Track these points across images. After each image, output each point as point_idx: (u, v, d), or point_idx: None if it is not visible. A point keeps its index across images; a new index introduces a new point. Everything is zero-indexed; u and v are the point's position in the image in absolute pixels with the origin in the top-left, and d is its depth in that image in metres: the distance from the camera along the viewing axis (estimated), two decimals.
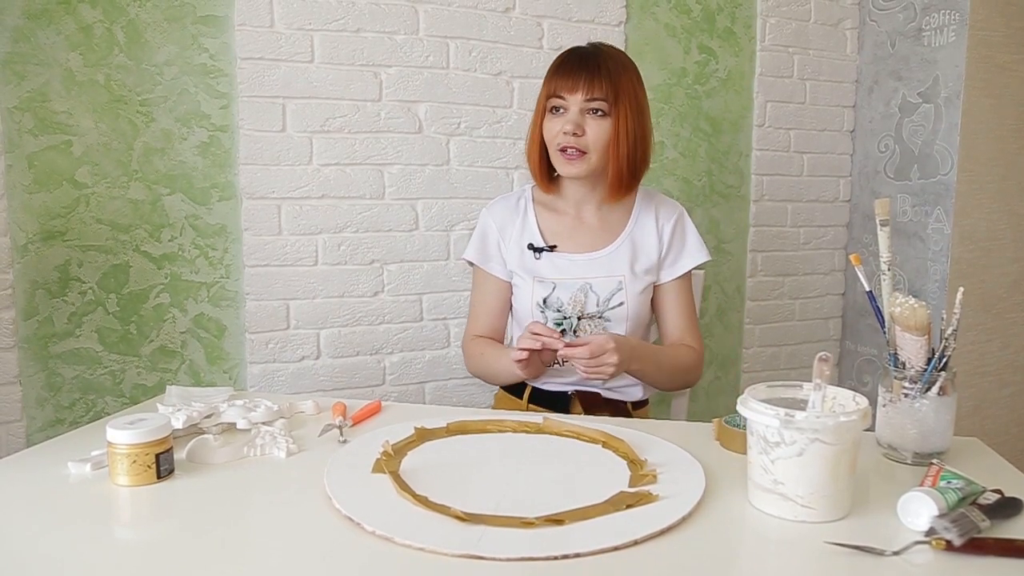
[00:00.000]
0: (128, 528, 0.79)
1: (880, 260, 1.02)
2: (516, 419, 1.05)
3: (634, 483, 0.84)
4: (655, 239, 1.35)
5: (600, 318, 1.31)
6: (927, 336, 0.95)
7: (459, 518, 0.74)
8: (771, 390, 0.87)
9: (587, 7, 1.88)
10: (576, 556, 0.69)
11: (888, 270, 1.01)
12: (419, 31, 1.75)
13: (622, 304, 1.30)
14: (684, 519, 0.76)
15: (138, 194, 1.60)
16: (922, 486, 0.79)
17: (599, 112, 1.25)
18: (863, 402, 0.81)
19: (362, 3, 1.69)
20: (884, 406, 0.97)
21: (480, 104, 1.82)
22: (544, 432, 1.02)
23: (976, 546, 0.70)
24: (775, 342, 2.25)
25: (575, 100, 1.24)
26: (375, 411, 1.12)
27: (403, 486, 0.81)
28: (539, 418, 1.05)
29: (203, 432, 0.97)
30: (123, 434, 0.83)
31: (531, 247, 1.34)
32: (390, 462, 0.89)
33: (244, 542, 0.74)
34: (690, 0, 2.00)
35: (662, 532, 0.74)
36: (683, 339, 1.36)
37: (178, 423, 0.95)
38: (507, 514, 0.75)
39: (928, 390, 0.93)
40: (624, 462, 0.91)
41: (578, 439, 1.00)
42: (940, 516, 0.73)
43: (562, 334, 1.19)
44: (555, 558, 0.68)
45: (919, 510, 0.75)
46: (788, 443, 0.76)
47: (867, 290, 1.03)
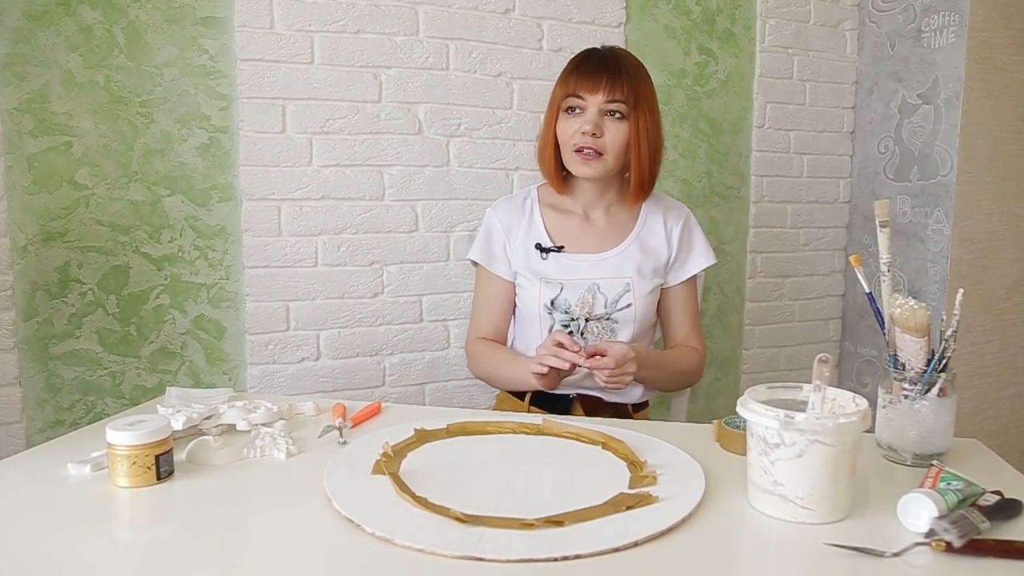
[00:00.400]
0: (128, 529, 0.79)
1: (880, 261, 1.02)
2: (516, 420, 1.06)
3: (634, 484, 0.85)
4: (663, 241, 1.35)
5: (608, 319, 1.30)
6: (927, 337, 0.95)
7: (459, 519, 0.74)
8: (771, 391, 0.87)
9: (587, 8, 1.88)
10: (576, 557, 0.69)
11: (888, 271, 1.01)
12: (419, 32, 1.75)
13: (630, 306, 1.30)
14: (684, 520, 0.77)
15: (138, 195, 1.60)
16: (922, 487, 0.79)
17: (617, 114, 1.24)
18: (863, 403, 0.81)
19: (362, 4, 1.69)
20: (884, 407, 0.97)
21: (480, 105, 1.82)
22: (544, 433, 1.02)
23: (976, 547, 0.70)
24: (775, 343, 2.25)
25: (595, 101, 1.24)
26: (375, 412, 1.12)
27: (403, 487, 0.81)
28: (539, 419, 1.05)
29: (203, 433, 0.97)
30: (123, 435, 0.83)
31: (539, 247, 1.33)
32: (390, 463, 0.89)
33: (244, 543, 0.74)
34: (690, 1, 2.00)
35: (662, 533, 0.74)
36: (687, 340, 1.36)
37: (178, 424, 0.95)
38: (507, 515, 0.75)
39: (928, 391, 0.93)
40: (624, 463, 0.91)
41: (578, 440, 1.00)
42: (940, 517, 0.72)
43: (569, 336, 1.19)
44: (555, 559, 0.68)
45: (919, 511, 0.75)
46: (788, 444, 0.76)
47: (867, 291, 1.03)
